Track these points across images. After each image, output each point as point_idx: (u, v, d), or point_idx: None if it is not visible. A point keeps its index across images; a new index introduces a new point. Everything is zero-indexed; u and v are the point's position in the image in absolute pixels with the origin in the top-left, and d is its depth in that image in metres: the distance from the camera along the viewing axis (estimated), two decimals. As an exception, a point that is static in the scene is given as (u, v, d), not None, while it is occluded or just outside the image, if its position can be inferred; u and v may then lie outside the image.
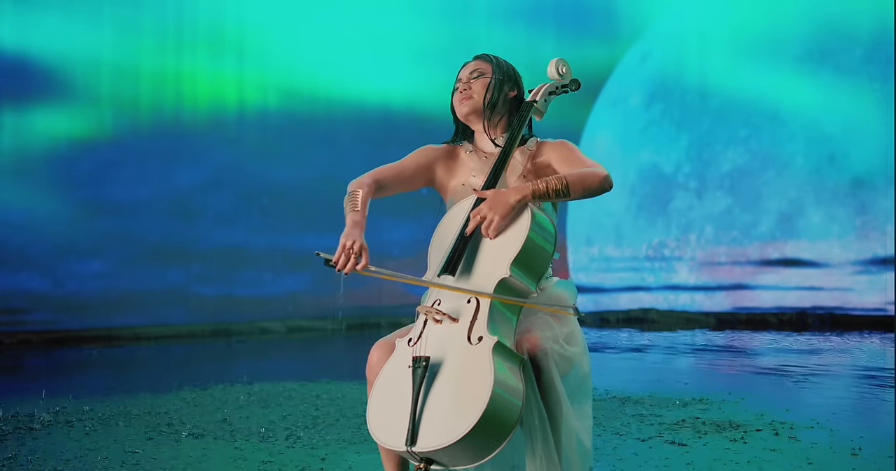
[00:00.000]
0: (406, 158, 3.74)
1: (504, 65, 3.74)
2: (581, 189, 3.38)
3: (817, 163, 12.80)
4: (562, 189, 3.35)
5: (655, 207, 13.18)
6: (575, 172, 3.41)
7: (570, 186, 3.36)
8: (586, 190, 3.39)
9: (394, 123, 11.89)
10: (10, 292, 10.51)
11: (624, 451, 4.78)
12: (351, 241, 3.34)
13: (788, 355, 9.18)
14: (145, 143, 11.12)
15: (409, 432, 3.09)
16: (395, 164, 3.72)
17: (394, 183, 3.70)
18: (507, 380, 3.11)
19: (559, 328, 3.42)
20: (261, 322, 11.42)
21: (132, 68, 11.19)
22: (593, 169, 3.43)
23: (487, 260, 3.34)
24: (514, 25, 12.72)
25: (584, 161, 3.52)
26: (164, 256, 11.16)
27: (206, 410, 6.05)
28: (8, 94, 10.61)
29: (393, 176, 3.69)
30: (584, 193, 3.39)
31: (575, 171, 3.44)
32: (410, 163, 3.73)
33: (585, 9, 13.06)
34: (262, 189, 11.52)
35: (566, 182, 3.36)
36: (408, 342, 3.35)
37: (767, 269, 13.06)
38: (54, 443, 5.05)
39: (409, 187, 3.76)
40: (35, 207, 10.62)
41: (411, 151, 3.77)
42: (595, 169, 3.43)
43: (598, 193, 3.41)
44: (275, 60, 11.93)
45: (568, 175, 3.39)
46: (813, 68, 12.64)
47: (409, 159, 3.74)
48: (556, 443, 3.28)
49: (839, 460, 4.49)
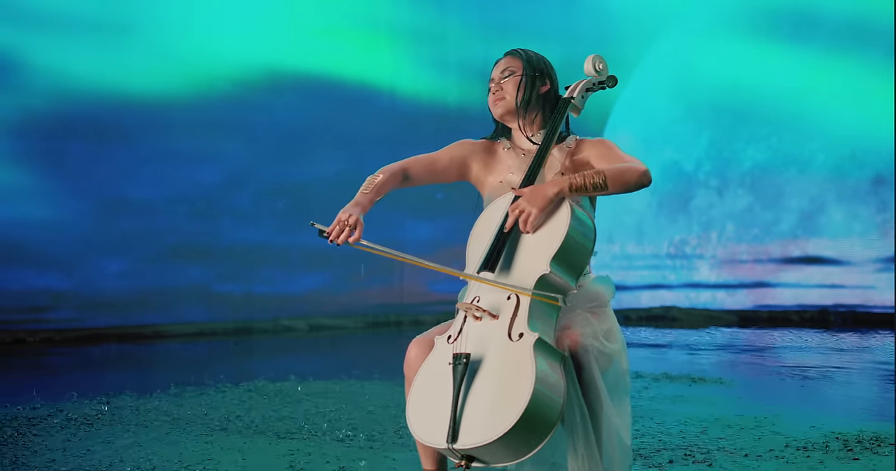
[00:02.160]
0: (442, 150, 3.74)
1: (535, 59, 3.71)
2: (619, 183, 3.37)
3: (839, 160, 12.75)
4: (599, 183, 3.34)
5: (677, 204, 13.14)
6: (613, 167, 3.40)
7: (607, 180, 3.35)
8: (624, 184, 3.38)
9: (414, 120, 11.87)
10: (32, 291, 10.51)
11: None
12: (347, 215, 3.38)
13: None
14: (166, 141, 11.11)
15: (450, 429, 3.08)
16: (429, 155, 3.72)
17: (424, 173, 3.69)
18: (548, 377, 3.10)
19: (598, 325, 3.41)
20: (282, 320, 11.40)
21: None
22: (631, 164, 3.42)
23: (527, 256, 3.33)
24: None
25: (623, 157, 3.51)
26: (185, 254, 11.15)
27: (241, 406, 6.04)
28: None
29: (424, 166, 3.69)
30: (622, 188, 3.37)
31: (613, 165, 3.43)
32: (445, 155, 3.72)
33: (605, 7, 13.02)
34: (284, 187, 11.50)
35: (604, 176, 3.35)
36: (447, 339, 3.34)
37: (789, 267, 13.02)
38: (96, 439, 5.04)
39: (440, 179, 3.75)
40: (57, 205, 10.62)
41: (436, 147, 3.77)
42: (633, 164, 3.42)
43: (636, 188, 3.40)
44: (291, 57, 11.91)
45: (606, 169, 3.38)
46: (834, 65, 12.59)
47: (444, 151, 3.73)
48: (597, 440, 3.27)
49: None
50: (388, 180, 3.58)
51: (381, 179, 3.56)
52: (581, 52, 3.75)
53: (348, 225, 3.36)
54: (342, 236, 3.35)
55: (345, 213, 3.39)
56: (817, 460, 4.47)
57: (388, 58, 12.26)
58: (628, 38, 12.69)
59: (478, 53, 12.27)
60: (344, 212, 3.40)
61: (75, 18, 10.79)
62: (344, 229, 3.35)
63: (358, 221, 3.38)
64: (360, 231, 3.37)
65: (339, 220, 3.37)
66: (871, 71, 12.21)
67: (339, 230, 3.35)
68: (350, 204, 3.45)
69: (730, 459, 4.52)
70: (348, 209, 3.41)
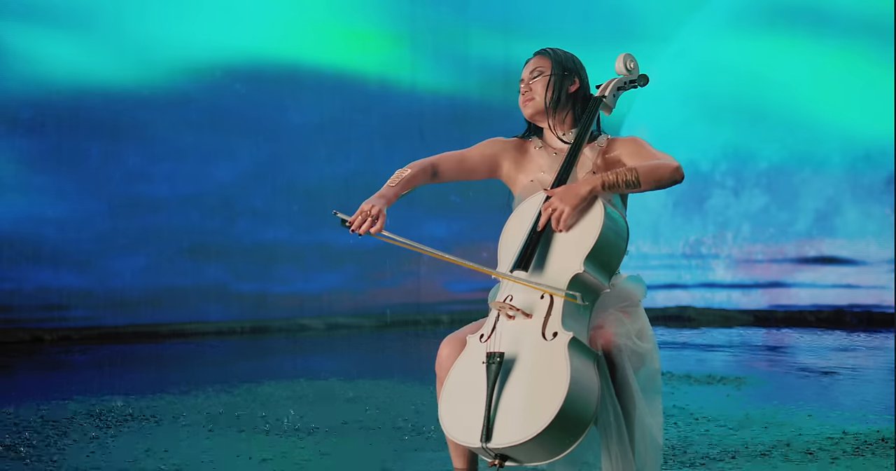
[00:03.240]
0: (473, 147, 3.75)
1: (563, 58, 3.72)
2: (652, 180, 3.37)
3: (854, 160, 12.73)
4: (632, 180, 3.35)
5: (692, 204, 13.11)
6: (645, 164, 3.42)
7: (640, 177, 3.36)
8: (657, 181, 3.39)
9: (433, 118, 11.87)
10: (49, 289, 10.53)
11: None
12: (370, 206, 3.40)
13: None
14: (182, 139, 11.12)
15: (484, 428, 3.09)
16: (460, 151, 3.73)
17: (453, 169, 3.70)
18: (582, 376, 3.11)
19: (631, 324, 3.42)
20: (299, 319, 11.39)
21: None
22: (664, 160, 3.43)
23: (561, 256, 3.33)
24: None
25: (655, 155, 3.51)
26: (202, 252, 11.15)
27: (263, 406, 6.05)
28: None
29: (454, 163, 3.69)
30: (656, 184, 3.39)
31: (645, 163, 3.43)
32: (476, 152, 3.73)
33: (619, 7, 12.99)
34: (301, 185, 11.49)
35: (637, 173, 3.36)
36: (479, 338, 3.34)
37: (804, 267, 12.99)
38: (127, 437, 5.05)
39: (469, 176, 3.76)
40: (74, 203, 10.63)
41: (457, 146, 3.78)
42: (666, 160, 3.43)
43: (670, 184, 3.41)
44: (309, 54, 11.90)
45: (638, 166, 3.39)
46: (850, 64, 12.57)
47: (475, 148, 3.74)
48: (630, 440, 3.27)
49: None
50: (417, 175, 3.59)
51: (409, 173, 3.57)
52: (596, 50, 3.77)
53: (371, 215, 3.38)
54: (364, 227, 3.37)
55: (368, 203, 3.41)
56: (845, 465, 4.46)
57: (408, 55, 12.24)
58: (644, 36, 12.65)
59: (498, 51, 12.28)
60: (367, 203, 3.42)
61: (90, 13, 10.80)
62: (366, 220, 3.38)
63: (381, 212, 3.40)
64: (383, 222, 3.39)
65: (361, 210, 3.40)
66: (887, 70, 12.17)
67: (360, 220, 3.38)
68: (375, 195, 3.47)
69: (755, 458, 4.52)
70: (372, 200, 3.43)
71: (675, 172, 3.41)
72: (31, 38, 10.59)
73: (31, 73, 10.53)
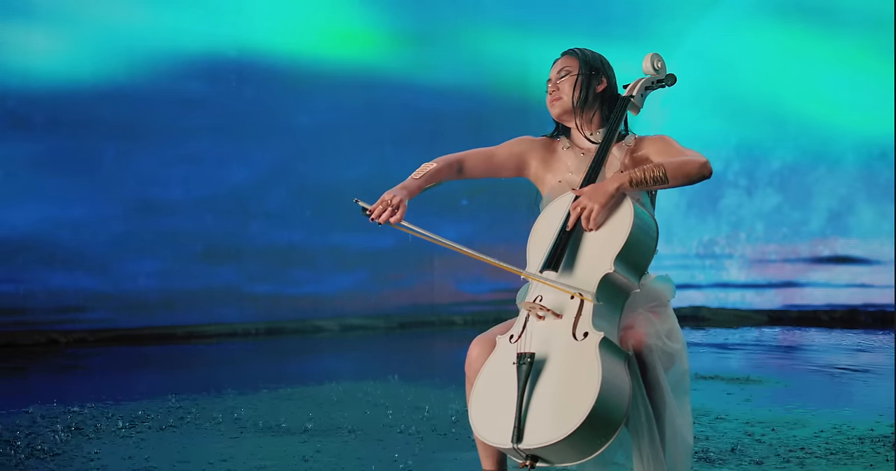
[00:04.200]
0: (501, 144, 3.75)
1: (591, 58, 3.71)
2: (680, 175, 3.36)
3: (868, 159, 12.70)
4: (660, 176, 3.34)
5: (706, 204, 13.10)
6: (673, 160, 3.41)
7: (668, 173, 3.35)
8: (686, 176, 3.37)
9: (447, 119, 11.86)
10: (65, 291, 10.53)
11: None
12: (392, 195, 3.40)
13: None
14: (197, 141, 11.12)
15: (515, 428, 3.08)
16: (487, 148, 3.73)
17: (480, 166, 3.70)
18: (614, 376, 3.09)
19: (660, 324, 3.41)
20: (314, 320, 11.39)
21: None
22: (691, 156, 3.42)
23: (591, 256, 3.32)
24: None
25: (683, 152, 3.51)
26: (216, 255, 11.16)
27: (284, 407, 6.04)
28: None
29: (481, 159, 3.69)
30: (683, 180, 3.37)
31: (673, 159, 3.43)
32: (503, 150, 3.73)
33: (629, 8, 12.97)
34: (314, 187, 11.49)
35: (664, 169, 3.35)
36: (509, 338, 3.33)
37: (818, 266, 12.98)
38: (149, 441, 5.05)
39: (496, 174, 3.76)
40: (88, 206, 10.63)
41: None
42: (693, 156, 3.42)
43: (698, 179, 3.40)
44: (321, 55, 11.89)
45: (665, 162, 3.38)
46: (864, 62, 12.54)
47: (503, 146, 3.74)
48: (661, 440, 3.26)
49: None
50: (442, 170, 3.59)
51: (435, 167, 3.57)
52: (609, 50, 3.76)
53: (391, 205, 3.38)
54: (384, 216, 3.38)
55: (389, 193, 3.42)
56: (866, 464, 4.45)
57: (422, 57, 12.23)
58: (657, 35, 12.64)
59: (513, 50, 12.30)
60: (389, 193, 3.43)
61: (101, 16, 10.81)
62: (386, 209, 3.38)
63: (402, 202, 3.40)
64: (402, 213, 3.39)
65: (382, 199, 3.40)
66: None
67: (381, 209, 3.39)
68: (398, 186, 3.47)
69: (779, 457, 4.51)
70: (394, 191, 3.44)
71: (703, 168, 3.40)
72: (38, 36, 10.60)
73: (43, 74, 10.53)
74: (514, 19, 12.50)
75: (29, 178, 10.44)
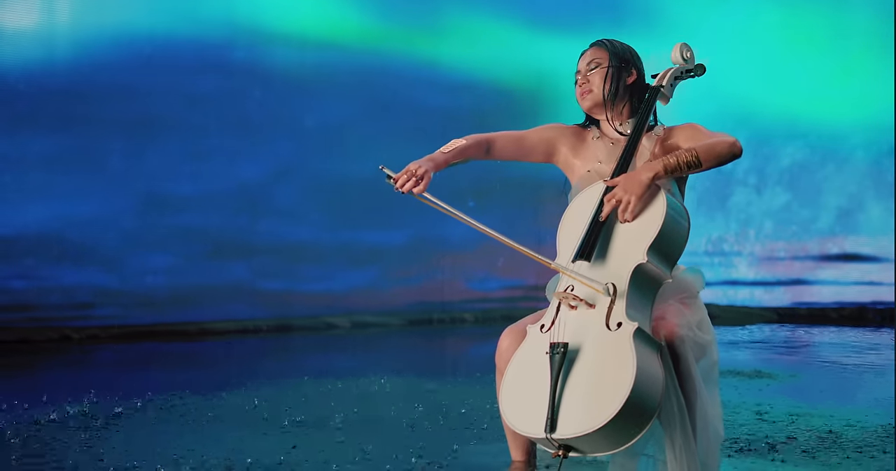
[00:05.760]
0: (533, 129, 3.75)
1: (620, 49, 3.72)
2: (712, 157, 3.38)
3: (877, 157, 12.70)
4: (693, 160, 3.35)
5: (715, 202, 13.09)
6: (703, 143, 3.42)
7: (700, 156, 3.36)
8: (717, 157, 3.39)
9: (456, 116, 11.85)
10: (76, 287, 10.54)
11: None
12: (417, 166, 3.44)
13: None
14: (208, 137, 11.12)
15: (549, 418, 3.07)
16: (520, 131, 3.76)
17: (509, 148, 3.70)
18: (648, 366, 3.09)
19: (691, 315, 3.41)
20: (325, 317, 11.39)
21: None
22: (719, 137, 3.43)
23: (623, 245, 3.32)
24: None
25: (713, 135, 3.51)
26: (228, 251, 11.16)
27: (302, 402, 6.03)
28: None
29: (511, 141, 3.71)
30: (716, 161, 3.39)
31: (702, 142, 3.43)
32: (534, 134, 3.74)
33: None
34: (326, 184, 11.49)
35: (696, 152, 3.36)
36: (540, 328, 3.32)
37: (827, 264, 12.98)
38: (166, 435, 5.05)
39: (525, 157, 3.77)
40: (99, 202, 10.63)
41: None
42: (721, 137, 3.42)
43: (730, 158, 3.41)
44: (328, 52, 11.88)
45: (697, 146, 3.39)
46: (873, 60, 12.53)
47: (535, 130, 3.75)
48: (693, 430, 3.25)
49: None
50: (471, 147, 3.60)
51: (464, 144, 3.59)
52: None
53: (416, 176, 3.39)
54: (407, 185, 3.40)
55: (415, 164, 3.45)
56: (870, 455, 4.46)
57: (432, 53, 12.22)
58: (667, 32, 12.62)
59: (524, 46, 12.30)
60: (415, 163, 3.45)
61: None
62: (410, 179, 3.38)
63: (427, 173, 3.42)
64: (426, 184, 3.41)
65: (407, 169, 3.43)
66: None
67: (405, 179, 3.41)
68: (425, 157, 3.50)
69: (795, 450, 4.52)
70: (420, 161, 3.47)
71: (733, 147, 3.42)
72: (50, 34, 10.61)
73: (52, 72, 10.54)
74: (524, 12, 12.49)
75: (39, 176, 10.44)
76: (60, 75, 10.55)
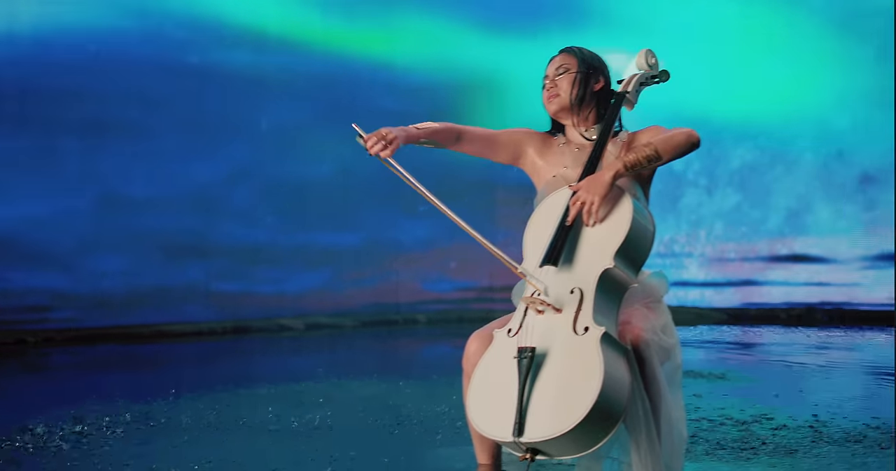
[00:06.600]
0: (503, 130, 3.82)
1: (589, 57, 3.77)
2: (671, 148, 3.44)
3: (826, 159, 12.83)
4: (652, 154, 3.42)
5: (666, 203, 13.18)
6: (659, 137, 3.47)
7: (658, 149, 3.43)
8: (676, 148, 3.46)
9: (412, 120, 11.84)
10: (31, 290, 10.46)
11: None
12: (388, 131, 3.48)
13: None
14: (164, 137, 11.08)
15: (516, 422, 3.11)
16: (490, 130, 3.80)
17: (478, 142, 3.77)
18: (615, 371, 3.14)
19: (656, 320, 3.45)
20: (279, 319, 11.38)
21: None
22: (676, 129, 3.48)
23: (590, 251, 3.36)
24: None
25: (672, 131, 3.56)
26: (183, 252, 11.12)
27: (265, 406, 6.02)
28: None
29: (481, 136, 3.78)
30: (675, 153, 3.45)
31: (660, 135, 3.49)
32: (505, 134, 3.81)
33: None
34: (282, 185, 11.48)
35: (654, 146, 3.44)
36: (507, 333, 3.36)
37: (776, 265, 13.09)
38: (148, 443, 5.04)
39: (491, 155, 3.83)
40: (53, 203, 10.56)
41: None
42: (678, 130, 3.48)
43: (688, 148, 3.48)
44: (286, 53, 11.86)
45: (654, 140, 3.48)
46: (822, 62, 12.65)
47: (505, 131, 3.83)
48: (657, 433, 3.30)
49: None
50: (442, 132, 3.67)
51: (437, 126, 3.66)
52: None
53: (385, 140, 3.42)
54: (376, 147, 3.44)
55: (387, 129, 3.51)
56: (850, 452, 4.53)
57: (388, 55, 12.24)
58: (620, 35, 12.69)
59: (481, 49, 12.34)
60: (386, 128, 3.51)
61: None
62: (380, 142, 3.42)
63: (396, 139, 3.47)
64: (394, 149, 3.46)
65: (378, 132, 3.48)
66: (861, 68, 12.30)
67: (375, 140, 3.44)
68: (398, 127, 3.51)
69: (763, 450, 4.58)
70: (392, 128, 3.53)
71: (690, 136, 3.49)
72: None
73: (6, 71, 10.46)
74: (477, 14, 12.52)
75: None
76: (14, 76, 10.46)
